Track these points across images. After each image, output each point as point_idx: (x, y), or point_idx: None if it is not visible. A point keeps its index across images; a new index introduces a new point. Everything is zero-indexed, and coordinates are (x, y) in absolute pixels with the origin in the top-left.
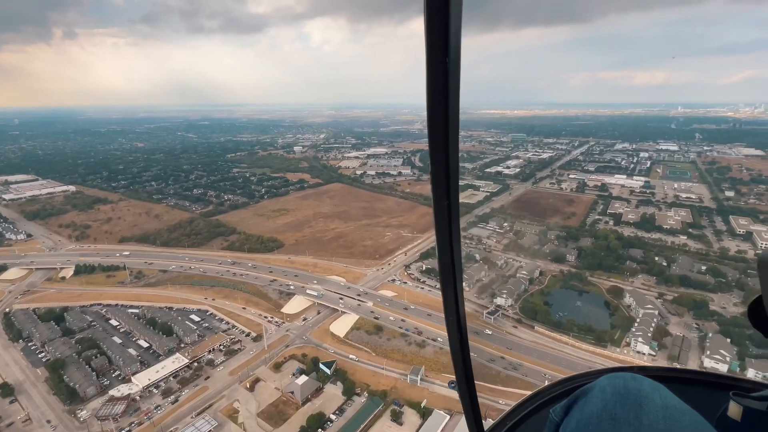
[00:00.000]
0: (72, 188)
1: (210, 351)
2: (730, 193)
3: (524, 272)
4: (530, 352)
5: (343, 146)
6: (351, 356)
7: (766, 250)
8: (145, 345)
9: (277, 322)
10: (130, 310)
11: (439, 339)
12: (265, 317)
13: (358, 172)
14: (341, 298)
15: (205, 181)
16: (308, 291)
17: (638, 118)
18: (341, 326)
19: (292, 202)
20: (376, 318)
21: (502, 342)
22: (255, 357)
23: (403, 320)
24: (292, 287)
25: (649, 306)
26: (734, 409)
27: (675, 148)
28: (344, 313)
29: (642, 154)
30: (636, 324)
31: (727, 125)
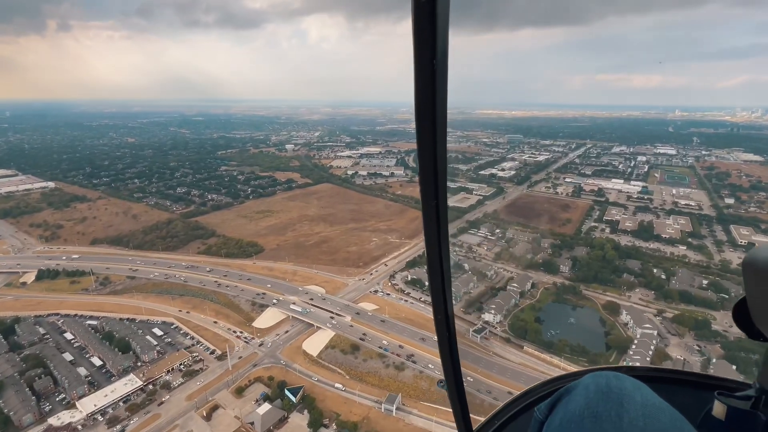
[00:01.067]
0: (51, 184)
1: (168, 371)
2: (730, 201)
3: (515, 284)
4: (517, 376)
5: (337, 144)
6: (323, 380)
7: (749, 253)
8: (99, 363)
9: (246, 337)
10: (89, 322)
11: (427, 364)
12: (234, 332)
13: (350, 172)
14: (332, 317)
15: (190, 180)
16: (282, 302)
17: (636, 120)
18: (315, 344)
19: (278, 203)
20: (363, 339)
21: (488, 365)
22: (217, 379)
23: (381, 338)
24: (273, 299)
25: (648, 325)
26: (718, 409)
27: (673, 152)
28: (320, 328)
29: (640, 158)
30: (633, 345)
31: (725, 129)
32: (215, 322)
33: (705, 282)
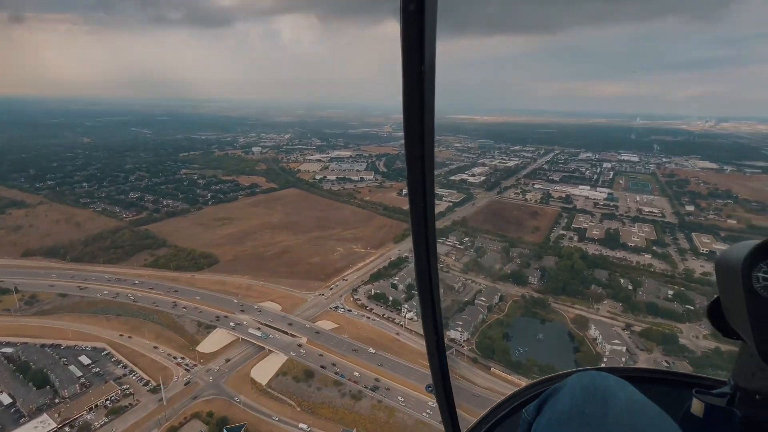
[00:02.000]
0: None
1: (91, 409)
2: (690, 208)
3: (483, 298)
4: (484, 404)
5: (307, 148)
6: (272, 414)
7: (721, 253)
8: (8, 401)
9: (188, 364)
10: (4, 350)
11: (395, 396)
12: (175, 358)
13: (318, 177)
14: (300, 344)
15: (145, 184)
16: (228, 322)
17: (601, 127)
18: (265, 370)
19: (240, 209)
20: (327, 368)
21: (455, 392)
22: (148, 416)
23: (339, 363)
24: (215, 317)
25: (617, 341)
26: (697, 406)
27: (636, 159)
28: (271, 352)
29: (605, 165)
30: (603, 363)
31: (683, 137)
32: (155, 348)
33: (670, 293)
